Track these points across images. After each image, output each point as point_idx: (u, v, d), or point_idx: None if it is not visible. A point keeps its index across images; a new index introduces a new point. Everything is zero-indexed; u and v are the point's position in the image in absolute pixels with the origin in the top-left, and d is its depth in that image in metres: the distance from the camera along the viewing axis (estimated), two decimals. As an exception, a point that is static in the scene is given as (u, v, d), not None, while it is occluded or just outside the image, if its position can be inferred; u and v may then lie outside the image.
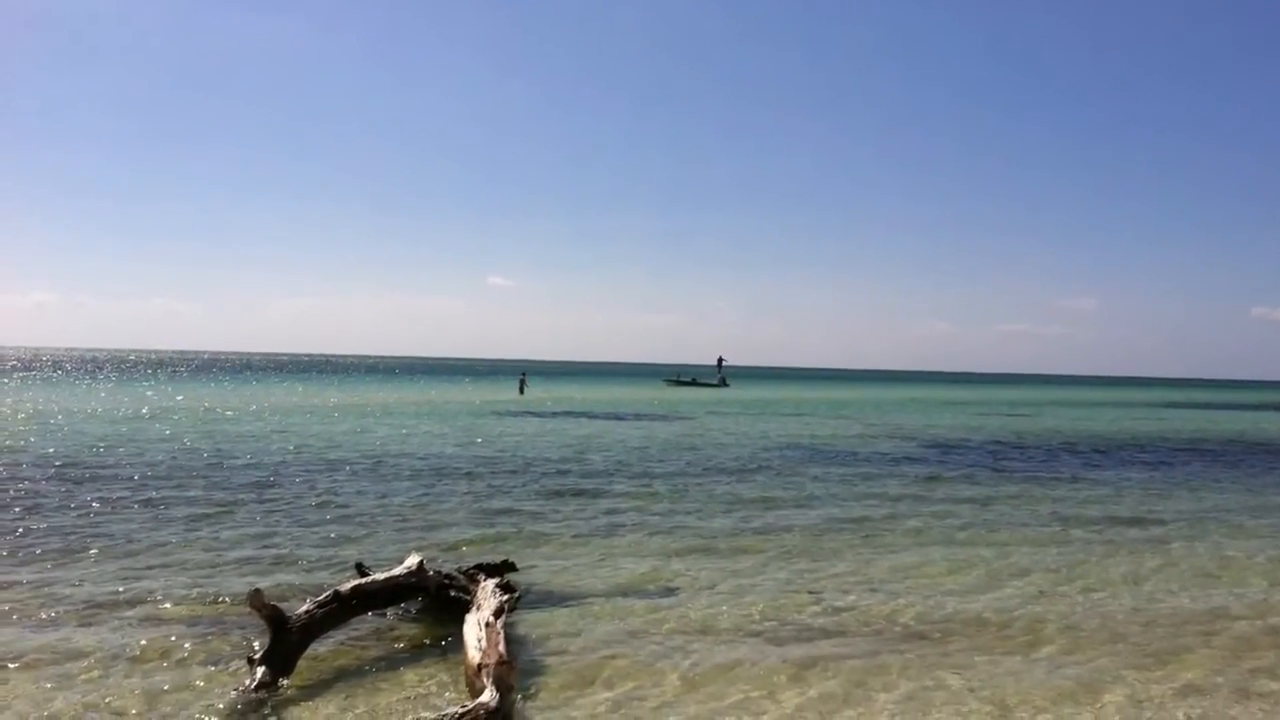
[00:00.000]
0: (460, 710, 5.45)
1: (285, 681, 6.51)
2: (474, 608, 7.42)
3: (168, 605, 8.42)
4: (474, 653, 6.39)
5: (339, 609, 7.34)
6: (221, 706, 6.12)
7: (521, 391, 58.62)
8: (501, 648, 6.31)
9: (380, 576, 7.98)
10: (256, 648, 6.82)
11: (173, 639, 7.42)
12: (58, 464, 17.73)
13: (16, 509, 12.95)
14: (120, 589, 8.89)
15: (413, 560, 8.28)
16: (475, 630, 6.73)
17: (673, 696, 6.55)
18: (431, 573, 8.32)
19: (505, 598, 7.74)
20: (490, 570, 8.83)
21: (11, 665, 6.78)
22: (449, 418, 35.04)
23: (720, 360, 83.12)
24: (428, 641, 7.65)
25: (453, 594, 8.20)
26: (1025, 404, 64.05)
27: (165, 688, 6.41)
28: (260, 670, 6.43)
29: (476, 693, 5.86)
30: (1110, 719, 6.35)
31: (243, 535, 11.63)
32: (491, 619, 6.90)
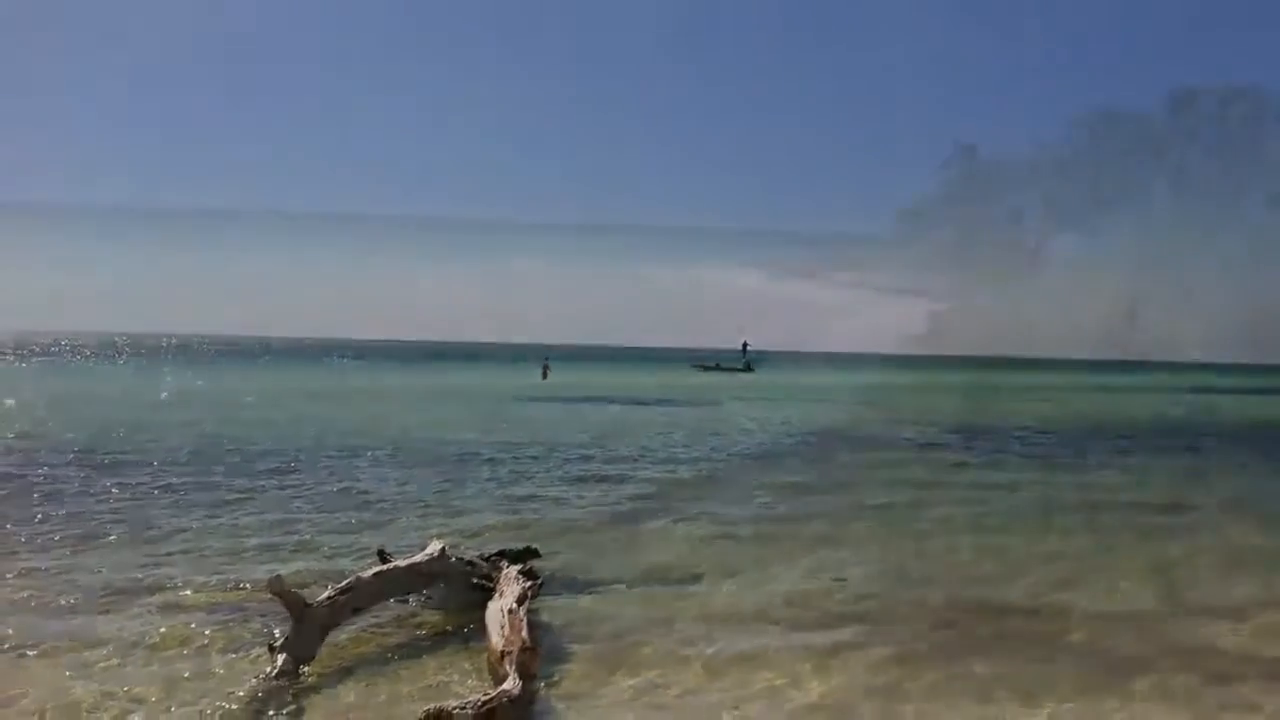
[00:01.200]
0: (483, 697, 5.40)
1: (306, 669, 6.48)
2: (497, 594, 7.37)
3: (188, 592, 8.40)
4: (497, 640, 6.35)
5: (360, 595, 7.30)
6: (242, 694, 6.08)
7: (544, 376, 58.58)
8: (524, 635, 6.27)
9: (402, 563, 7.94)
10: (277, 635, 6.77)
11: (193, 626, 7.40)
12: (77, 449, 17.77)
13: (36, 495, 12.98)
14: (140, 576, 8.88)
15: (435, 547, 8.24)
16: (498, 617, 6.69)
17: (696, 684, 6.48)
18: (454, 559, 8.28)
19: (528, 584, 7.70)
20: (513, 557, 8.79)
21: (30, 653, 6.76)
22: (471, 403, 35.09)
23: (745, 345, 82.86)
24: (450, 629, 7.59)
25: (475, 581, 8.15)
26: (1053, 388, 63.51)
27: (185, 675, 6.38)
28: (281, 657, 6.39)
29: (499, 680, 5.82)
30: (1138, 708, 6.23)
31: (263, 522, 11.61)
32: (514, 606, 6.86)
